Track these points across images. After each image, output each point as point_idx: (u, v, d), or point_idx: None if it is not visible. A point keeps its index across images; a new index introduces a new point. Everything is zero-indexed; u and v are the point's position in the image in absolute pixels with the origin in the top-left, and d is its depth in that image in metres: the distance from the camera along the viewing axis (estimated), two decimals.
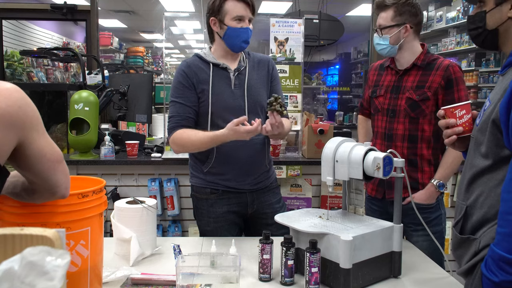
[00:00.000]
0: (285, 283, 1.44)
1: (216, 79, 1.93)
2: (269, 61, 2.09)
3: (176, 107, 1.93)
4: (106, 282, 1.42)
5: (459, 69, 1.97)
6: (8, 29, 5.93)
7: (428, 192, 1.96)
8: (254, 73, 2.01)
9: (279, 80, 2.14)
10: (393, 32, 1.97)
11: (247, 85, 1.96)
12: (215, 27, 1.94)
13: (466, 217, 1.23)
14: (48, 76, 6.98)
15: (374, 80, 2.17)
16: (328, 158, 1.54)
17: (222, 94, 1.92)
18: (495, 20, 1.26)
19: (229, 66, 1.96)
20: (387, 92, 2.07)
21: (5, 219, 1.14)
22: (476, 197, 1.21)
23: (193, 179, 2.02)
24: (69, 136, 2.94)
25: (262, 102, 2.01)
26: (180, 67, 1.97)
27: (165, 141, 3.20)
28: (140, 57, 8.86)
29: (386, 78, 2.11)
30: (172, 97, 1.95)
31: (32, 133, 0.99)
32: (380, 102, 2.08)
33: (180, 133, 1.89)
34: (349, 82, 9.40)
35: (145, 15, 8.60)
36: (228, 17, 1.88)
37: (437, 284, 1.50)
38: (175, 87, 1.94)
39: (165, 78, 3.88)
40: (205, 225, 2.00)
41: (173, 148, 1.96)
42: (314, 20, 4.78)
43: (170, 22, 4.85)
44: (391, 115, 2.03)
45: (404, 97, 2.00)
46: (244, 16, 1.89)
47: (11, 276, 0.59)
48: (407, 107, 1.98)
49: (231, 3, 1.87)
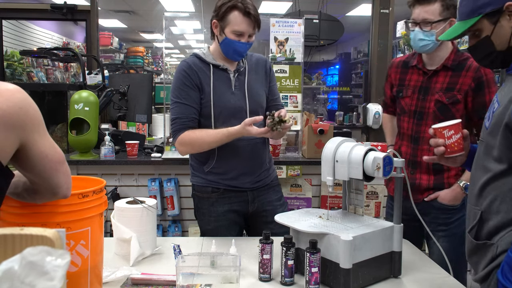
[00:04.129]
0: (285, 283, 1.44)
1: (216, 80, 1.92)
2: (266, 62, 2.09)
3: (180, 108, 1.90)
4: (106, 282, 1.42)
5: (490, 70, 1.88)
6: (8, 29, 5.92)
7: (454, 193, 1.91)
8: (253, 74, 2.00)
9: (275, 80, 2.15)
10: (439, 27, 1.84)
11: (247, 86, 1.96)
12: (215, 30, 1.92)
13: (482, 222, 1.20)
14: (48, 76, 6.98)
15: (398, 79, 2.08)
16: (328, 158, 1.54)
17: (224, 95, 1.92)
18: (502, 39, 1.23)
19: (229, 67, 1.95)
20: (414, 93, 1.98)
21: (5, 219, 1.15)
22: (490, 201, 1.18)
23: (194, 179, 2.02)
24: (69, 136, 2.94)
25: (262, 103, 2.01)
26: (181, 68, 1.94)
27: (165, 141, 3.20)
28: (140, 57, 8.86)
29: (413, 77, 2.01)
30: (175, 98, 1.91)
31: (34, 134, 0.99)
32: (407, 103, 2.01)
33: (188, 133, 1.88)
34: (349, 82, 9.39)
35: (145, 15, 8.60)
36: (229, 29, 1.85)
37: (437, 284, 1.50)
38: (178, 87, 1.91)
39: (165, 78, 3.88)
40: (206, 224, 2.00)
41: (180, 150, 1.93)
42: (314, 20, 4.78)
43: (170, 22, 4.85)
44: (418, 117, 1.96)
45: (433, 99, 1.92)
46: (245, 32, 1.85)
47: (11, 276, 0.59)
48: (437, 110, 1.90)
49: (236, 15, 1.83)
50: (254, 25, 1.86)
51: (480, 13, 1.22)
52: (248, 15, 1.82)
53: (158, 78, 8.59)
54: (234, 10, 1.82)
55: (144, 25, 9.65)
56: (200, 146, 1.90)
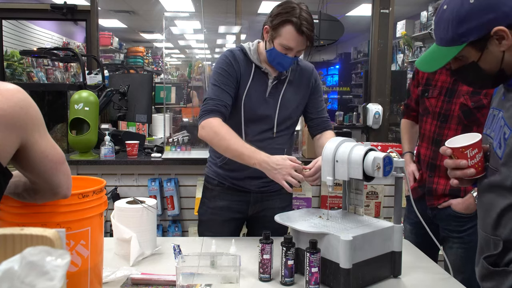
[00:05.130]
0: (285, 283, 1.44)
1: (254, 82, 1.85)
2: (312, 72, 1.97)
3: (216, 90, 1.80)
4: (106, 282, 1.42)
5: None
6: (8, 29, 5.92)
7: (466, 203, 1.89)
8: (293, 85, 1.91)
9: (321, 92, 2.01)
10: None
11: (281, 98, 1.88)
12: (265, 35, 1.81)
13: (505, 251, 1.14)
14: (48, 76, 6.98)
15: (426, 78, 2.01)
16: (328, 158, 1.54)
17: (256, 99, 1.85)
18: (492, 64, 1.14)
19: (271, 71, 1.87)
20: (441, 94, 1.93)
21: (6, 219, 1.15)
22: (511, 230, 1.12)
23: (207, 168, 2.03)
24: (69, 136, 2.94)
25: (293, 116, 1.94)
26: (226, 55, 1.85)
27: (165, 141, 3.20)
28: (140, 57, 8.86)
29: (441, 77, 1.95)
30: (213, 82, 1.82)
31: (34, 135, 0.99)
32: (432, 104, 1.95)
33: (217, 123, 1.75)
34: (349, 82, 9.39)
35: (145, 15, 8.60)
36: (278, 40, 1.75)
37: (437, 284, 1.50)
38: (218, 72, 1.82)
39: (165, 78, 3.89)
40: (203, 214, 2.02)
41: (200, 133, 1.80)
42: (314, 20, 4.77)
43: (170, 22, 4.84)
44: (442, 119, 1.92)
45: (458, 102, 1.87)
46: (294, 48, 1.75)
47: (11, 276, 0.59)
48: (461, 113, 1.86)
49: (289, 31, 1.71)
50: (306, 42, 1.76)
51: (463, 41, 1.12)
52: (301, 33, 1.71)
53: (158, 78, 8.59)
54: (288, 24, 1.71)
55: (144, 25, 9.64)
56: (218, 144, 1.77)
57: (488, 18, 1.09)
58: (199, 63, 4.86)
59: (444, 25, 1.15)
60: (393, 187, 1.82)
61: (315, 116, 1.98)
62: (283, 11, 1.73)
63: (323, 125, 1.98)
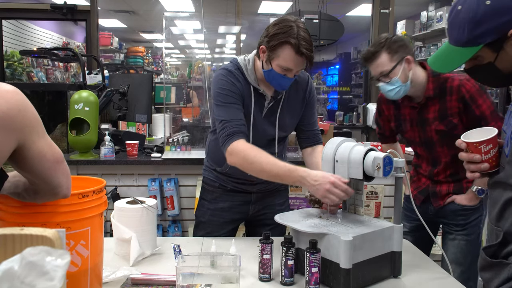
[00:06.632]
0: (285, 283, 1.44)
1: (255, 103, 1.81)
2: (307, 83, 1.90)
3: (229, 110, 1.71)
4: (106, 282, 1.42)
5: (472, 84, 1.84)
6: (8, 29, 5.92)
7: (468, 197, 1.98)
8: (288, 102, 1.86)
9: (315, 104, 1.94)
10: (399, 71, 1.85)
11: (278, 117, 1.84)
12: (262, 55, 1.72)
13: (503, 243, 1.14)
14: (48, 76, 6.98)
15: (393, 114, 2.07)
16: (328, 158, 1.54)
17: (258, 121, 1.82)
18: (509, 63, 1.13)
19: (268, 93, 1.81)
20: (413, 126, 2.00)
21: (6, 219, 1.14)
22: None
23: (205, 172, 2.02)
24: (69, 136, 2.94)
25: (290, 131, 1.92)
26: (224, 75, 1.77)
27: (165, 141, 3.21)
28: (140, 57, 8.86)
29: (405, 111, 2.01)
30: (220, 102, 1.74)
31: (32, 135, 0.99)
32: (411, 136, 2.03)
33: (245, 148, 1.67)
34: (349, 82, 9.40)
35: (145, 15, 8.60)
36: (276, 62, 1.66)
37: (437, 284, 1.50)
38: (223, 94, 1.74)
39: (165, 78, 3.89)
40: (201, 215, 2.00)
41: (229, 159, 1.70)
42: (314, 20, 4.77)
43: (170, 22, 4.84)
44: (426, 146, 2.00)
45: (432, 129, 1.94)
46: (293, 69, 1.68)
47: (11, 276, 0.59)
48: (440, 138, 1.93)
49: (288, 52, 1.63)
50: (305, 63, 1.67)
51: (479, 43, 1.12)
52: (301, 54, 1.62)
53: (158, 78, 8.59)
54: (286, 45, 1.63)
55: (144, 25, 9.65)
56: (250, 169, 1.67)
57: (505, 20, 1.09)
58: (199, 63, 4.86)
59: (459, 26, 1.14)
60: (393, 187, 1.83)
61: (306, 128, 1.94)
62: (280, 32, 1.63)
63: (314, 139, 1.95)
